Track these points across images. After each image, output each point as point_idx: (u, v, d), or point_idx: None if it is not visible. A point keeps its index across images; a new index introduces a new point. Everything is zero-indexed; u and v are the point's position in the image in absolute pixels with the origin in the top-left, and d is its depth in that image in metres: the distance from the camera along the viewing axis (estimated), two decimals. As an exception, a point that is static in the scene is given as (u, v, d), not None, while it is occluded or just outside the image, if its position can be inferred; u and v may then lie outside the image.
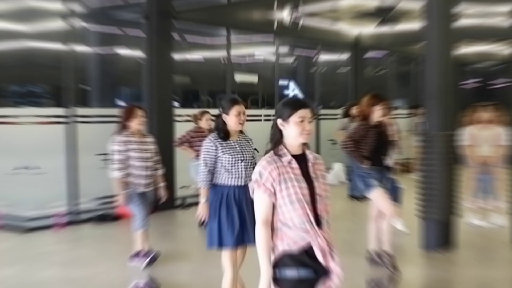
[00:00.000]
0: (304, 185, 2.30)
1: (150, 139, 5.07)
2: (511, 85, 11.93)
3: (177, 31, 8.22)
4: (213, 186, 3.21)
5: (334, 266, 2.28)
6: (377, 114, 4.86)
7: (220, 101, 3.45)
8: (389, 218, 4.87)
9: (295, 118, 2.28)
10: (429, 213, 5.44)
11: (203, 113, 6.60)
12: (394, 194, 5.74)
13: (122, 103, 9.53)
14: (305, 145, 2.40)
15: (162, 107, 7.26)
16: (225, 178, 3.17)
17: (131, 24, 8.55)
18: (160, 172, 5.11)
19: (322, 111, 10.94)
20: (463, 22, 9.38)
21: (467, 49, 13.15)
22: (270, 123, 2.43)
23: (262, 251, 2.25)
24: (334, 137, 9.88)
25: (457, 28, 6.14)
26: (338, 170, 10.40)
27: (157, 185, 5.07)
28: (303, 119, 2.28)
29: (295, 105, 2.34)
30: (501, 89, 15.04)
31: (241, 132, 3.38)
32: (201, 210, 3.24)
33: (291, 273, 2.26)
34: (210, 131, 5.68)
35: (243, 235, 3.19)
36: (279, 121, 2.31)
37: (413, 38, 10.09)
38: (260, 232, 2.25)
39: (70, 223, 6.59)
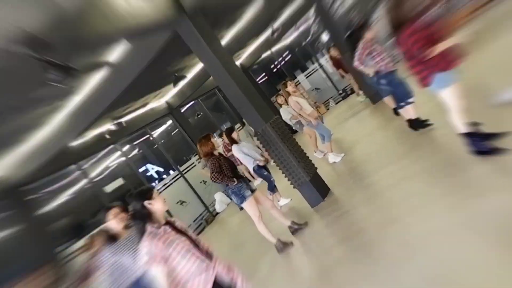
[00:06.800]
0: (183, 238, 2.48)
1: None
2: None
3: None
4: None
5: (240, 280, 2.61)
6: (215, 147, 5.28)
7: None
8: (271, 210, 5.43)
9: (155, 194, 2.52)
10: (296, 180, 5.92)
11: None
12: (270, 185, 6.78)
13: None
14: (166, 211, 2.58)
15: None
16: None
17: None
18: None
19: (182, 168, 11.26)
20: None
21: (245, 54, 13.73)
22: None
23: None
24: (202, 177, 10.58)
25: (224, 47, 6.05)
26: (220, 197, 10.64)
27: None
28: (158, 192, 2.55)
29: (149, 188, 2.59)
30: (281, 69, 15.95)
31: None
32: None
33: None
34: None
35: None
36: (146, 202, 2.45)
37: (204, 76, 10.75)
38: None
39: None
